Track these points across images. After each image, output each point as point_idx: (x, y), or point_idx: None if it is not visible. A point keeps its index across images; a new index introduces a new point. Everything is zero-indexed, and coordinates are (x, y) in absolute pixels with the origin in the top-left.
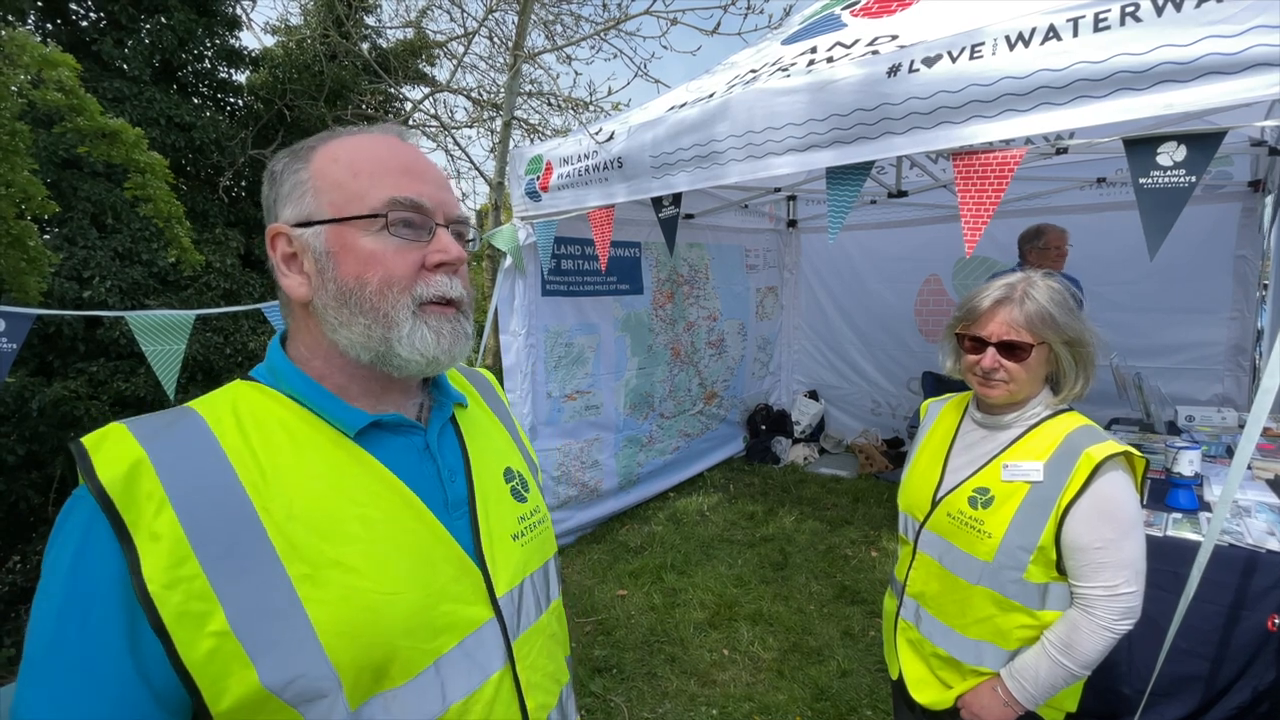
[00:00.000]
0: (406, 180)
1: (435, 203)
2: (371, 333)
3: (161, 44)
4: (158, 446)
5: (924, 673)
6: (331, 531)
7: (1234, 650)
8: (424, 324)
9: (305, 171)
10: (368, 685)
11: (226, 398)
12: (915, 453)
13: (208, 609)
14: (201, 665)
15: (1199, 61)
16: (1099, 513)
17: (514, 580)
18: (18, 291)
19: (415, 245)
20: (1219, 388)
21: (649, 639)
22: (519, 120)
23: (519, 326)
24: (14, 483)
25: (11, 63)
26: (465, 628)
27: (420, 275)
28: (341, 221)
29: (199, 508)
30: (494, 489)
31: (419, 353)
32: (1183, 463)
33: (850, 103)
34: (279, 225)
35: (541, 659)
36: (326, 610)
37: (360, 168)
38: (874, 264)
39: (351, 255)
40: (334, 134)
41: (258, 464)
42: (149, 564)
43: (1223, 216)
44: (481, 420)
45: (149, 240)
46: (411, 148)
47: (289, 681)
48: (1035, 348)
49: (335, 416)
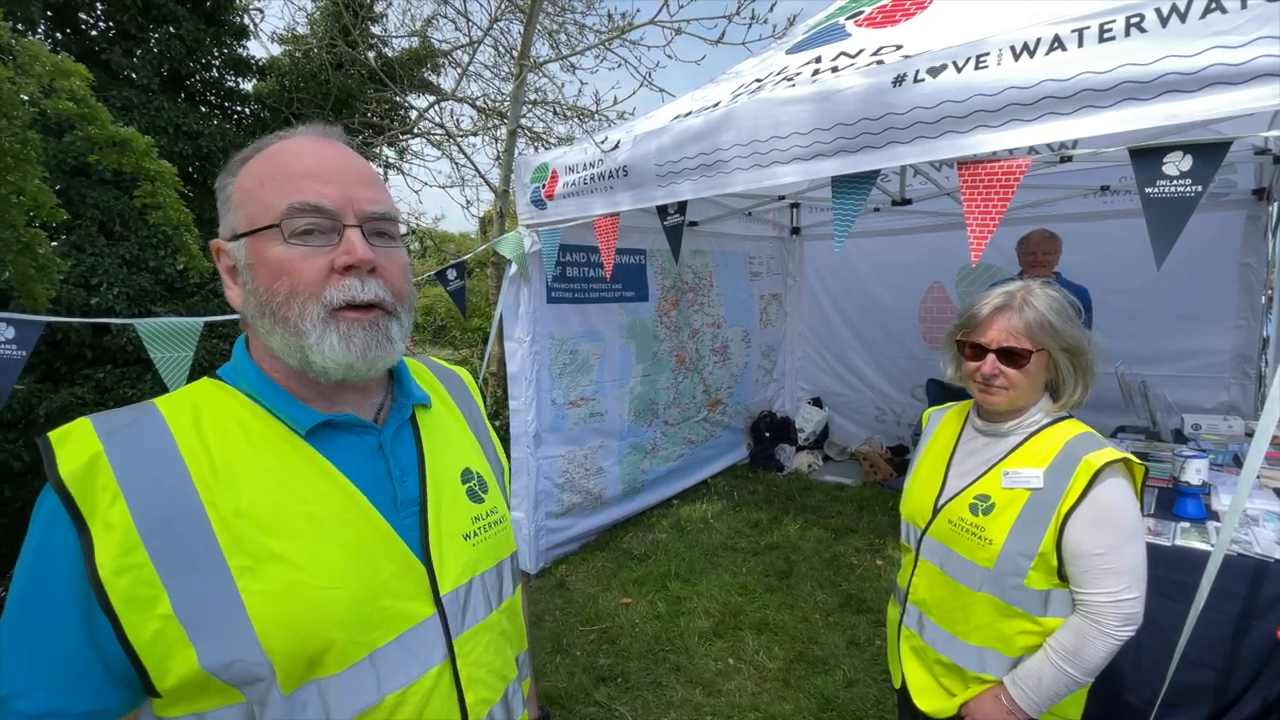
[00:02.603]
0: (307, 184)
1: (340, 203)
2: (288, 342)
3: (170, 53)
4: (116, 443)
5: (928, 680)
6: (276, 527)
7: (1243, 660)
8: (334, 331)
9: (232, 185)
10: (301, 672)
11: (189, 395)
12: (917, 461)
13: (154, 594)
14: (147, 646)
15: (1204, 72)
16: (1099, 520)
17: (461, 578)
18: (27, 299)
19: (322, 250)
20: (1225, 396)
21: (653, 647)
22: (524, 128)
23: (524, 333)
24: (20, 489)
25: (24, 72)
26: (404, 622)
27: (329, 280)
28: (254, 233)
29: (150, 501)
30: (449, 489)
31: (330, 360)
32: (1190, 471)
33: (855, 112)
34: (217, 240)
35: (488, 655)
36: (263, 601)
37: (266, 177)
38: (878, 271)
39: (264, 266)
40: (262, 144)
41: (210, 460)
42: (101, 551)
43: (1227, 224)
44: (445, 420)
45: (156, 247)
46: (328, 145)
47: (226, 664)
48: (1034, 354)
49: (288, 415)
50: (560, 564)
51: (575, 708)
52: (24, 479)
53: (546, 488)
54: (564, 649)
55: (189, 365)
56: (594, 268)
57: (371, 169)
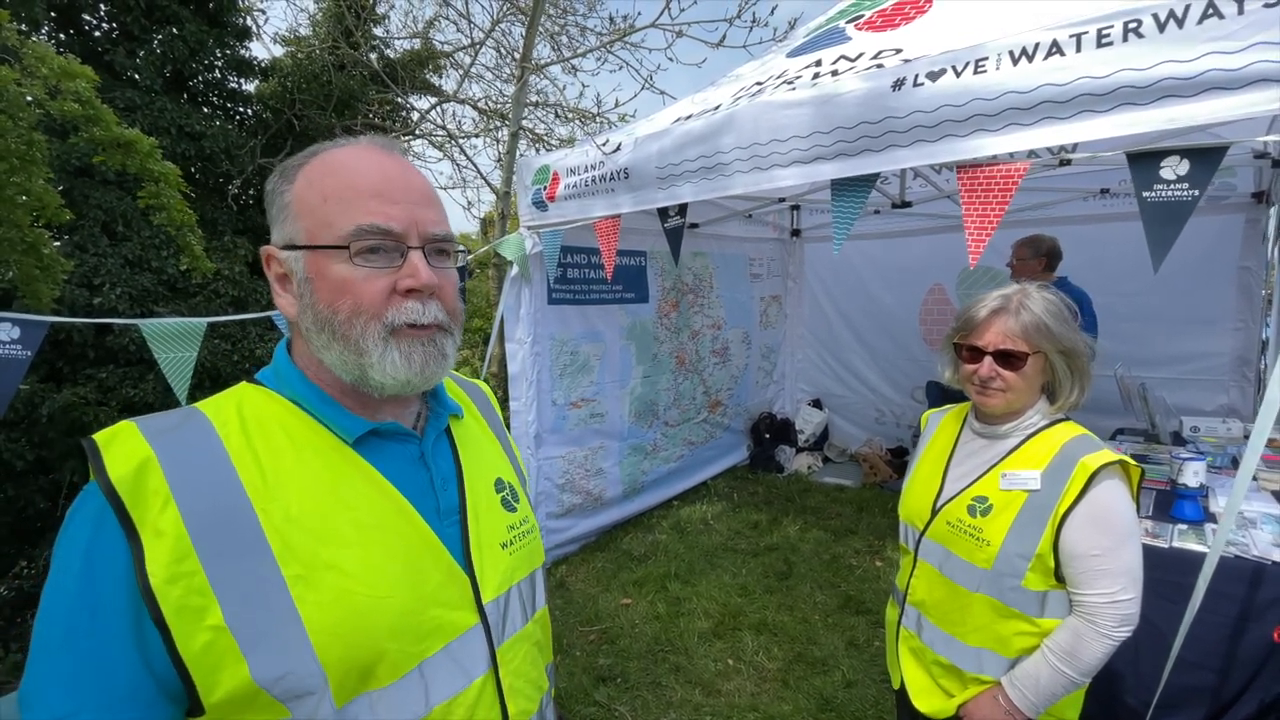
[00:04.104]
0: (375, 204)
1: (405, 225)
2: (346, 358)
3: (173, 54)
4: (165, 446)
5: (926, 681)
6: (326, 534)
7: (1240, 662)
8: (394, 349)
9: (289, 194)
10: (354, 685)
11: (232, 400)
12: (916, 463)
13: (205, 604)
14: (197, 657)
15: (1201, 77)
16: (1095, 521)
17: (501, 587)
18: (31, 299)
19: (385, 272)
20: (1224, 398)
21: (653, 648)
22: (525, 130)
23: (525, 335)
24: (23, 488)
25: (30, 74)
26: (451, 632)
27: (390, 301)
28: (315, 249)
29: (201, 507)
30: (485, 498)
31: (391, 377)
32: (1188, 474)
33: (855, 115)
34: (269, 248)
35: (525, 665)
36: (318, 611)
37: (329, 191)
38: (878, 273)
39: (325, 282)
40: (319, 150)
41: (259, 466)
42: (153, 559)
43: (1226, 227)
44: (475, 431)
45: (159, 248)
46: (392, 161)
47: (279, 677)
48: (1031, 357)
49: (335, 422)
50: (560, 565)
51: (575, 708)
52: (26, 478)
53: (547, 488)
54: (564, 649)
55: (193, 365)
56: (595, 269)
57: (432, 187)
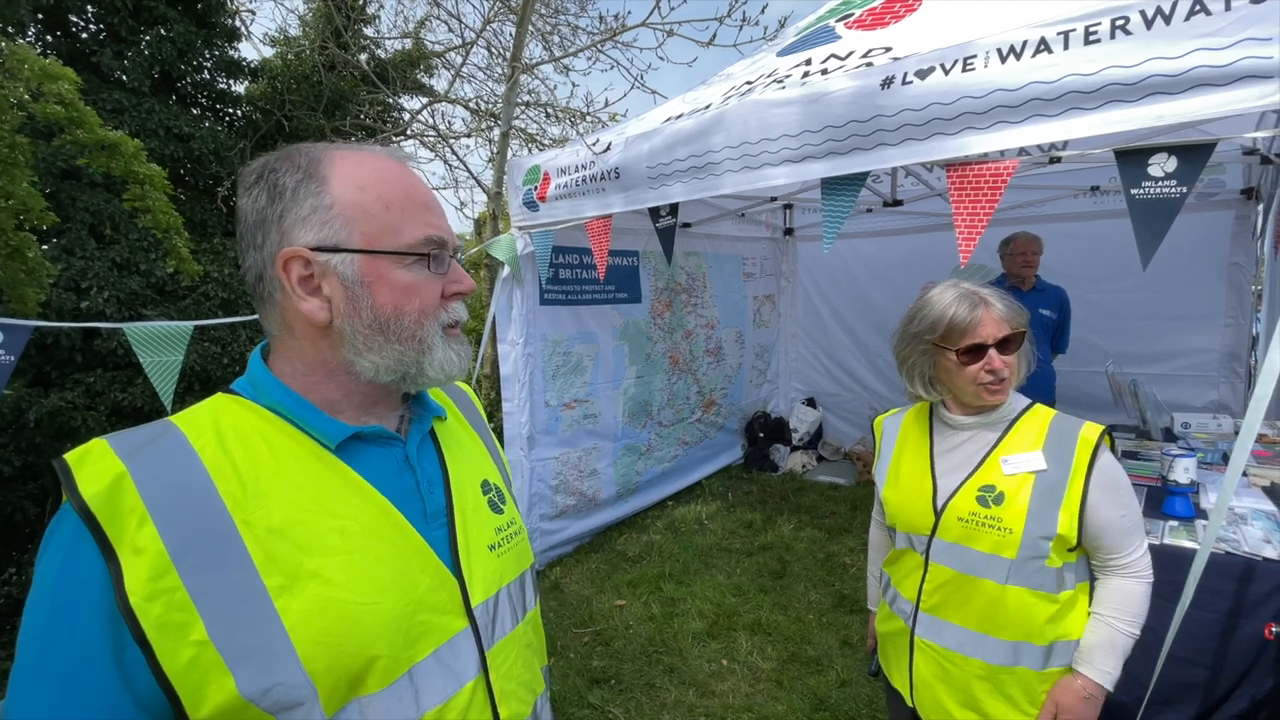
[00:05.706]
0: (431, 217)
1: (449, 236)
2: (405, 357)
3: (161, 56)
4: (138, 462)
5: (946, 690)
6: (310, 544)
7: (1232, 658)
8: (450, 347)
9: (326, 195)
10: (344, 692)
11: (208, 411)
12: (888, 470)
13: (187, 620)
14: (182, 674)
15: (1189, 74)
16: (1110, 487)
17: (490, 590)
18: (16, 303)
19: (439, 277)
20: (1215, 394)
21: (647, 649)
22: (517, 130)
23: (517, 335)
24: (10, 494)
25: (12, 76)
26: (440, 636)
27: (442, 304)
28: (374, 253)
29: (179, 522)
30: (472, 500)
31: (443, 372)
32: (1179, 470)
33: (844, 114)
34: (298, 249)
35: (517, 668)
36: (303, 620)
37: (390, 200)
38: (871, 272)
39: (388, 286)
40: (335, 150)
41: (238, 477)
42: (131, 577)
43: (1216, 224)
44: (459, 433)
45: (147, 250)
46: (417, 175)
47: (266, 690)
48: (1025, 334)
49: (317, 429)
50: (554, 566)
51: (569, 710)
52: (13, 484)
53: (540, 490)
54: (558, 651)
55: (179, 369)
56: (587, 269)
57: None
